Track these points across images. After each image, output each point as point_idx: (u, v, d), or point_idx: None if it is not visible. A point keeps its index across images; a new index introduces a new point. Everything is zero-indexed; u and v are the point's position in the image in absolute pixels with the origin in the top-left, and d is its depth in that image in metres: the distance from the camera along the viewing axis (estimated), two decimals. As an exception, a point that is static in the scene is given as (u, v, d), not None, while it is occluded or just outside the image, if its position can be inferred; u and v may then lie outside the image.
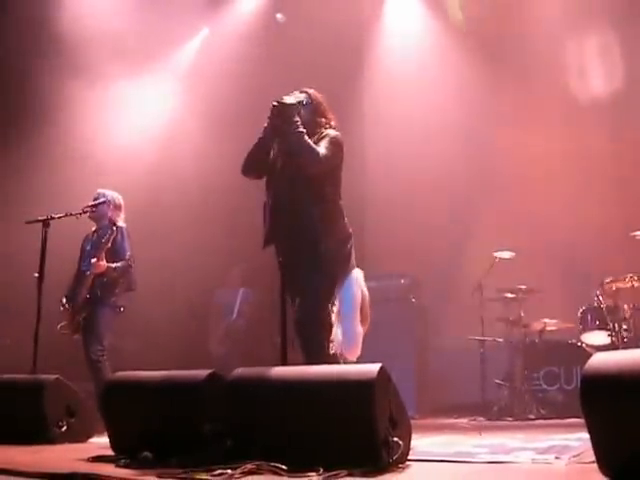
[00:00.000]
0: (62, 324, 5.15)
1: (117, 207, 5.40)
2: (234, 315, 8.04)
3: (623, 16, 7.23)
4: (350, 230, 3.70)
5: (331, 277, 3.58)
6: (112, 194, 5.42)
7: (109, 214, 5.33)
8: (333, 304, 3.59)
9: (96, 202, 5.20)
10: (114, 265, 5.16)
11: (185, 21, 7.91)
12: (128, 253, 5.22)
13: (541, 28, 7.57)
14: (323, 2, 7.62)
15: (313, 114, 3.69)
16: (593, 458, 2.28)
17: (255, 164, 3.70)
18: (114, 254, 5.19)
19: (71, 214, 4.99)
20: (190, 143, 7.63)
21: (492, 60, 7.84)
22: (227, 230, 7.44)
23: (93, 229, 5.37)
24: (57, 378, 4.20)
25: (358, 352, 3.60)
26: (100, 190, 5.41)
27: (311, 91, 3.76)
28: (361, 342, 3.62)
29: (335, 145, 3.62)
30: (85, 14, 6.95)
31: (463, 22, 7.98)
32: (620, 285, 6.06)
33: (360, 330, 3.62)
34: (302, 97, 3.71)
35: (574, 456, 3.00)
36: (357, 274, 3.67)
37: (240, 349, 7.76)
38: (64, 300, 5.21)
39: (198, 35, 8.36)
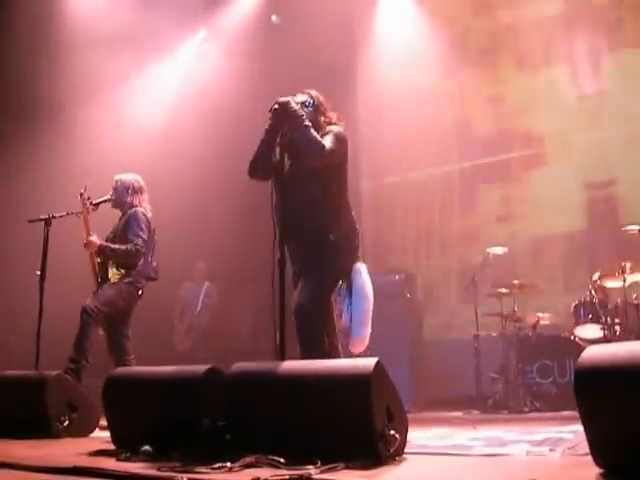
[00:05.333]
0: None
1: (136, 190, 5.22)
2: (197, 309, 8.07)
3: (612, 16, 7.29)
4: (357, 225, 3.76)
5: (336, 271, 3.65)
6: (129, 178, 5.24)
7: (128, 199, 5.18)
8: (335, 299, 3.65)
9: (99, 200, 5.07)
10: (115, 246, 4.99)
11: (182, 23, 7.95)
12: (137, 238, 4.99)
13: (533, 26, 7.63)
14: (317, 3, 7.66)
15: (316, 114, 3.74)
16: (587, 450, 2.31)
17: (260, 166, 3.73)
18: (123, 238, 5.04)
19: (73, 213, 4.96)
20: (185, 144, 7.68)
21: (485, 56, 7.89)
22: (193, 225, 7.47)
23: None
24: (59, 374, 4.24)
25: (363, 348, 3.65)
26: (116, 176, 5.25)
27: (313, 92, 3.82)
28: (368, 339, 3.67)
29: (339, 140, 3.67)
30: (84, 15, 6.97)
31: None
32: (612, 279, 6.12)
33: (369, 329, 3.66)
34: (304, 98, 3.77)
35: (568, 448, 3.03)
36: (363, 269, 3.72)
37: (204, 343, 7.80)
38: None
39: (195, 37, 8.40)
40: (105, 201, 5.14)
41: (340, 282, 3.69)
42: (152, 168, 6.31)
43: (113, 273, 5.07)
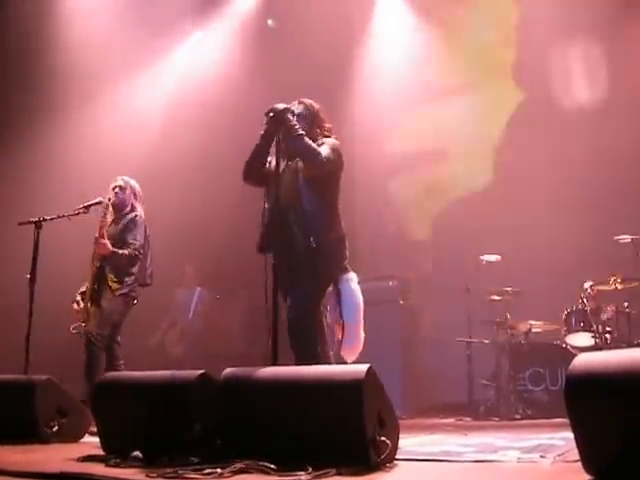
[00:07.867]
0: (74, 325, 5.02)
1: (136, 196, 5.26)
2: (190, 315, 8.04)
3: (607, 23, 7.32)
4: (345, 235, 3.78)
5: (325, 279, 3.67)
6: (135, 183, 5.30)
7: (130, 202, 5.21)
8: (325, 307, 3.66)
9: (90, 202, 5.05)
10: (121, 251, 5.00)
11: (179, 25, 7.96)
12: (137, 243, 5.05)
13: (529, 34, 7.66)
14: (313, 7, 7.68)
15: (311, 124, 3.78)
16: (577, 457, 2.31)
17: (254, 171, 3.76)
18: (122, 242, 5.05)
19: (64, 215, 4.93)
20: (181, 146, 7.67)
21: (481, 62, 7.92)
22: (186, 229, 7.48)
23: (110, 219, 5.16)
24: (48, 378, 4.19)
25: (356, 355, 3.66)
26: (125, 178, 5.25)
27: (308, 102, 3.86)
28: (361, 346, 3.68)
29: (335, 151, 3.71)
30: (80, 16, 6.98)
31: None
32: (603, 288, 6.14)
33: (362, 334, 3.68)
34: (300, 109, 3.79)
35: (559, 455, 3.04)
36: (353, 277, 3.74)
37: (197, 349, 7.77)
38: (78, 297, 5.09)
39: (191, 38, 8.41)
40: (97, 203, 5.11)
41: (329, 289, 3.70)
42: (148, 170, 6.32)
43: (112, 281, 5.05)
